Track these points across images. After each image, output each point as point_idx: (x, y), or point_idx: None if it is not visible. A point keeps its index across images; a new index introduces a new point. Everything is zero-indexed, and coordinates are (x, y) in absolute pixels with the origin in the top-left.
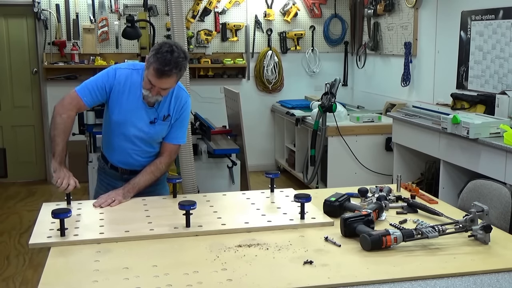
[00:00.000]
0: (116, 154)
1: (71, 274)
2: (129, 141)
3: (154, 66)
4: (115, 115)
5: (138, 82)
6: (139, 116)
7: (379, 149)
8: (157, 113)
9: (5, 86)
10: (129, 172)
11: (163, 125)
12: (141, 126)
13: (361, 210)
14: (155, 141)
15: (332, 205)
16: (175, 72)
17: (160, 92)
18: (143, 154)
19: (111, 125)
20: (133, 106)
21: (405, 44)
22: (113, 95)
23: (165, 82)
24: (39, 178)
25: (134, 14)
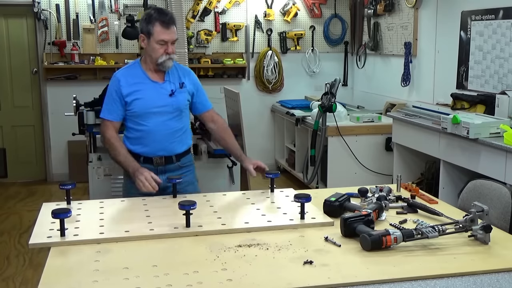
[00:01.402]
0: (149, 143)
1: (71, 274)
2: (158, 121)
3: (159, 22)
4: (135, 106)
5: (139, 71)
6: (158, 94)
7: (379, 149)
8: (171, 84)
9: (5, 86)
10: (164, 161)
11: (183, 93)
12: (164, 102)
13: (361, 210)
14: (181, 112)
15: (332, 205)
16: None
17: (173, 50)
18: (172, 132)
19: (136, 117)
20: (147, 89)
21: (405, 44)
22: (126, 94)
23: (172, 31)
24: (39, 178)
25: (134, 14)
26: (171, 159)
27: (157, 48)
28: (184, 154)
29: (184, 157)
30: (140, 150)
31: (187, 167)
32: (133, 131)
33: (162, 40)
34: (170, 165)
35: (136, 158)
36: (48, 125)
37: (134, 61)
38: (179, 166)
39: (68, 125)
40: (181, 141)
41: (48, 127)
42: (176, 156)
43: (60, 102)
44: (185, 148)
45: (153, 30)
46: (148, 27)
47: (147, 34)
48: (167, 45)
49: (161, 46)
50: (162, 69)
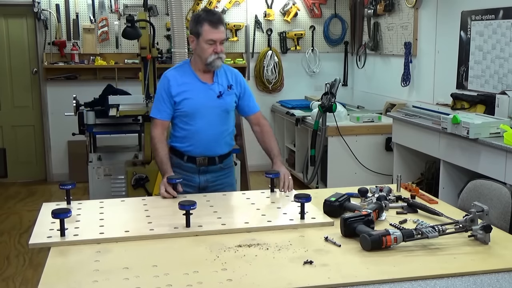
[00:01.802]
0: (195, 143)
1: (71, 274)
2: (205, 121)
3: (207, 22)
4: (185, 106)
5: (189, 71)
6: (207, 95)
7: (379, 149)
8: (219, 86)
9: (5, 86)
10: (207, 161)
11: (230, 95)
12: (212, 103)
13: (361, 210)
14: (228, 113)
15: (332, 205)
16: (222, 19)
17: (222, 49)
18: (218, 133)
19: (184, 117)
20: (197, 89)
21: (405, 44)
22: (176, 94)
23: (222, 31)
24: (39, 178)
25: (134, 14)
26: (213, 160)
27: (206, 47)
28: (226, 156)
29: (226, 159)
30: (186, 149)
31: (228, 169)
32: (181, 130)
33: (210, 40)
34: (212, 166)
35: (181, 156)
36: (48, 125)
37: (183, 61)
38: (221, 167)
39: (68, 125)
40: (226, 143)
41: (48, 127)
42: (219, 157)
43: (60, 102)
44: (228, 150)
45: (202, 30)
46: (197, 27)
47: (196, 35)
48: (216, 44)
49: (210, 46)
50: (211, 68)
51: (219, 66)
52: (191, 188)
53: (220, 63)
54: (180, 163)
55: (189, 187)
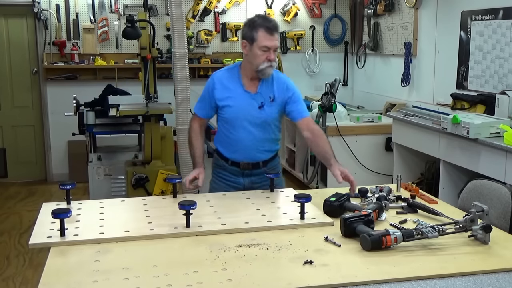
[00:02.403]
0: (235, 150)
1: (71, 274)
2: (245, 131)
3: (263, 28)
4: (226, 113)
5: (235, 76)
6: (248, 104)
7: (379, 149)
8: (262, 97)
9: (5, 86)
10: (250, 166)
11: (272, 107)
12: (252, 113)
13: (361, 210)
14: (269, 125)
15: (332, 205)
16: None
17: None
18: (259, 142)
19: (226, 123)
20: (238, 98)
21: (405, 44)
22: (218, 97)
23: (276, 38)
24: (39, 178)
25: (134, 14)
26: (257, 165)
27: (259, 54)
28: (270, 159)
29: (270, 162)
30: (228, 155)
31: (273, 170)
32: (223, 135)
33: (265, 46)
34: (257, 169)
35: (225, 160)
36: (48, 125)
37: (234, 64)
38: (265, 171)
39: (68, 125)
40: (267, 150)
41: (48, 127)
42: (262, 162)
43: (60, 102)
44: (271, 156)
45: (257, 35)
46: (252, 33)
47: (250, 40)
48: (270, 51)
49: (264, 53)
50: (261, 76)
51: (269, 74)
52: (236, 189)
53: (271, 71)
54: (224, 165)
55: (233, 188)
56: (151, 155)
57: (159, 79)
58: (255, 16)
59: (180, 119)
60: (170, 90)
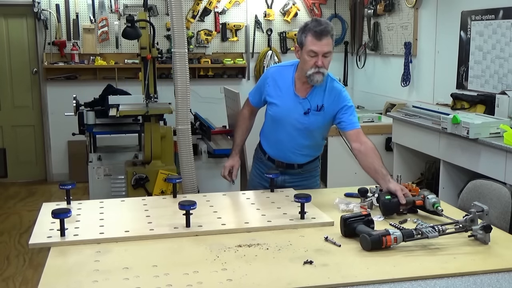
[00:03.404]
0: (274, 147)
1: (71, 274)
2: (286, 133)
3: (311, 32)
4: (272, 110)
5: (289, 76)
6: (294, 108)
7: (379, 149)
8: (310, 104)
9: (5, 86)
10: (285, 165)
11: (317, 116)
12: (296, 117)
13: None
14: (311, 132)
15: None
16: (331, 32)
17: (323, 62)
18: (298, 146)
19: (270, 119)
20: (287, 99)
21: (405, 44)
22: (268, 93)
23: (325, 43)
24: (39, 178)
25: (134, 14)
26: (292, 166)
27: (307, 59)
28: (307, 163)
29: (306, 165)
30: (267, 149)
31: (310, 172)
32: (267, 129)
33: (311, 51)
34: (291, 169)
35: (263, 153)
36: (48, 125)
37: (293, 61)
38: (300, 172)
39: (68, 125)
40: (306, 155)
41: (48, 127)
42: (298, 164)
43: (60, 102)
44: (307, 160)
45: (306, 40)
46: (302, 37)
47: (300, 45)
48: (318, 57)
49: (311, 58)
50: (310, 82)
51: (318, 81)
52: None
53: (320, 78)
54: (262, 158)
55: (266, 182)
56: (151, 155)
57: (159, 79)
58: (309, 20)
59: (180, 119)
60: (170, 90)
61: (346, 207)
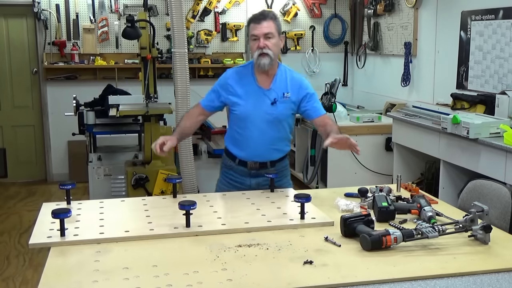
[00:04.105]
0: (245, 147)
1: (71, 274)
2: (256, 128)
3: (252, 20)
4: (238, 109)
5: (249, 73)
6: (260, 100)
7: (379, 149)
8: (275, 93)
9: (5, 86)
10: (258, 166)
11: (285, 103)
12: (265, 109)
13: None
14: (281, 122)
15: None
16: (270, 16)
17: (267, 44)
18: (270, 140)
19: (237, 120)
20: (251, 94)
21: (405, 44)
22: (230, 93)
23: (264, 25)
24: (39, 178)
25: (134, 14)
26: (265, 165)
27: (252, 45)
28: (279, 160)
29: (278, 163)
30: (237, 153)
31: (281, 172)
32: (234, 133)
33: (253, 35)
34: (264, 169)
35: (232, 158)
36: (48, 125)
37: (249, 61)
38: (273, 171)
39: (68, 125)
40: (278, 149)
41: (48, 127)
42: (271, 162)
43: (60, 102)
44: (281, 155)
45: (249, 29)
46: (247, 29)
47: (248, 37)
48: (259, 39)
49: (255, 42)
50: (258, 67)
51: (266, 64)
52: (242, 190)
53: (267, 61)
54: (231, 165)
55: (239, 190)
56: (151, 155)
57: (159, 79)
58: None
59: None
60: (170, 90)
61: (346, 207)
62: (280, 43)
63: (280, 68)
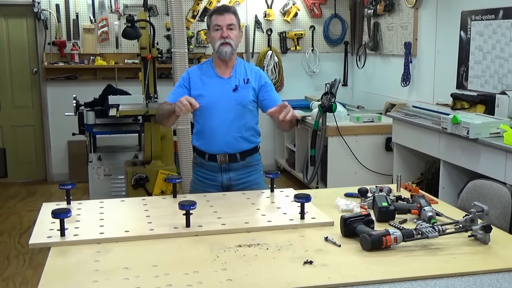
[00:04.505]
0: (211, 140)
1: (71, 274)
2: (220, 118)
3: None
4: (201, 101)
5: (209, 66)
6: (221, 89)
7: (379, 149)
8: (236, 79)
9: (5, 86)
10: (227, 158)
11: (246, 88)
12: (227, 97)
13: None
14: (244, 107)
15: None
16: (232, 10)
17: (229, 34)
18: (235, 128)
19: (202, 112)
20: (212, 85)
21: (405, 44)
22: (193, 87)
23: (227, 17)
24: (39, 178)
25: (134, 14)
26: (235, 157)
27: (214, 35)
28: (249, 153)
29: (249, 156)
30: (205, 147)
31: (253, 167)
32: (199, 128)
33: (216, 25)
34: (234, 163)
35: (202, 155)
36: (48, 125)
37: (207, 59)
38: (244, 165)
39: (68, 125)
40: (246, 139)
41: (48, 127)
42: (240, 154)
43: (60, 102)
44: (251, 147)
45: (210, 20)
46: (208, 20)
47: (208, 28)
48: (222, 29)
49: (217, 32)
50: (222, 57)
51: (227, 53)
52: (215, 187)
53: (228, 49)
54: (202, 162)
55: (212, 187)
56: (151, 155)
57: (159, 79)
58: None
59: (180, 119)
60: (170, 90)
61: (346, 207)
62: (240, 35)
63: (239, 60)
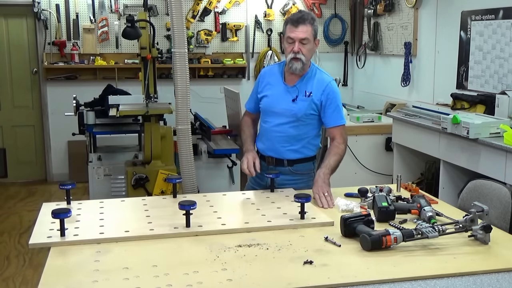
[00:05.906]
0: (264, 139)
1: (71, 274)
2: (275, 122)
3: (289, 20)
4: (263, 102)
5: (280, 70)
6: (283, 96)
7: (379, 149)
8: (298, 90)
9: (5, 86)
10: (274, 161)
11: (305, 101)
12: (284, 106)
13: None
14: (298, 120)
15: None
16: (308, 20)
17: (301, 49)
18: (287, 138)
19: (263, 113)
20: (277, 89)
21: (405, 44)
22: (261, 90)
23: (302, 30)
24: (39, 178)
25: (134, 14)
26: (282, 162)
27: (287, 47)
28: (297, 161)
29: (297, 165)
30: (258, 146)
31: (300, 175)
32: (260, 128)
33: (289, 37)
34: (281, 167)
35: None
36: (48, 125)
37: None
38: (291, 171)
39: (68, 125)
40: (296, 150)
41: (48, 127)
42: (288, 161)
43: (60, 102)
44: (299, 157)
45: (285, 29)
46: (284, 27)
47: (283, 35)
48: (295, 43)
49: (290, 45)
50: (290, 70)
51: (297, 68)
52: (260, 186)
53: (299, 65)
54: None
55: (257, 185)
56: (151, 155)
57: (159, 79)
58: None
59: (180, 119)
60: (170, 90)
61: (346, 207)
62: (315, 47)
63: (312, 68)
